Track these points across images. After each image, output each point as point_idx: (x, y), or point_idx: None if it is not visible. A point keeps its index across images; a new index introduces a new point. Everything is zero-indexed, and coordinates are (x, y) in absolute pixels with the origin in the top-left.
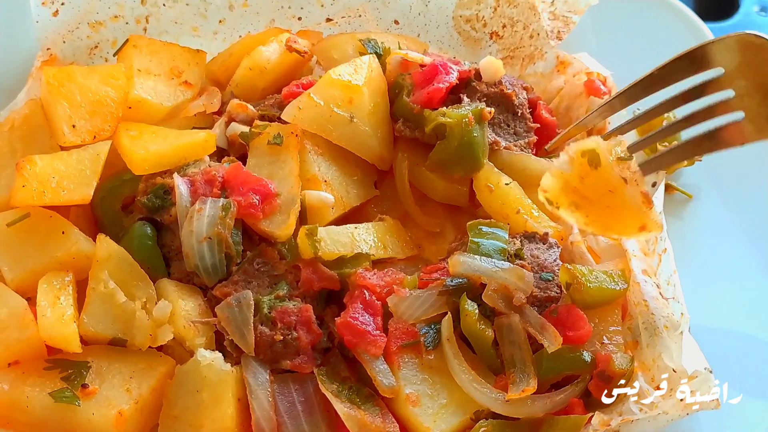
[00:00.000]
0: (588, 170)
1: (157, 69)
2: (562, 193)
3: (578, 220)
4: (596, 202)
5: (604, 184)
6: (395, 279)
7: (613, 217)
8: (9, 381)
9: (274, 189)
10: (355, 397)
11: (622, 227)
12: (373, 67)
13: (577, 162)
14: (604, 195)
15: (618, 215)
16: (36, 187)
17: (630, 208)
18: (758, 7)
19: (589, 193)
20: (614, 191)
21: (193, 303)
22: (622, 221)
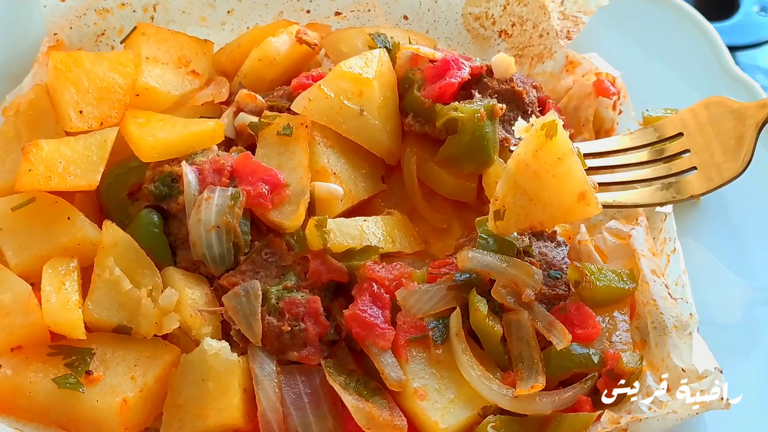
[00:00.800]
0: (543, 142)
1: (165, 57)
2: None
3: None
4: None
5: (556, 152)
6: (404, 272)
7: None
8: (12, 366)
9: (283, 179)
10: (362, 390)
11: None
12: (383, 60)
13: (535, 136)
14: (553, 164)
15: (559, 186)
16: (42, 171)
17: (572, 178)
18: (758, 7)
19: (541, 166)
20: (563, 158)
21: (199, 292)
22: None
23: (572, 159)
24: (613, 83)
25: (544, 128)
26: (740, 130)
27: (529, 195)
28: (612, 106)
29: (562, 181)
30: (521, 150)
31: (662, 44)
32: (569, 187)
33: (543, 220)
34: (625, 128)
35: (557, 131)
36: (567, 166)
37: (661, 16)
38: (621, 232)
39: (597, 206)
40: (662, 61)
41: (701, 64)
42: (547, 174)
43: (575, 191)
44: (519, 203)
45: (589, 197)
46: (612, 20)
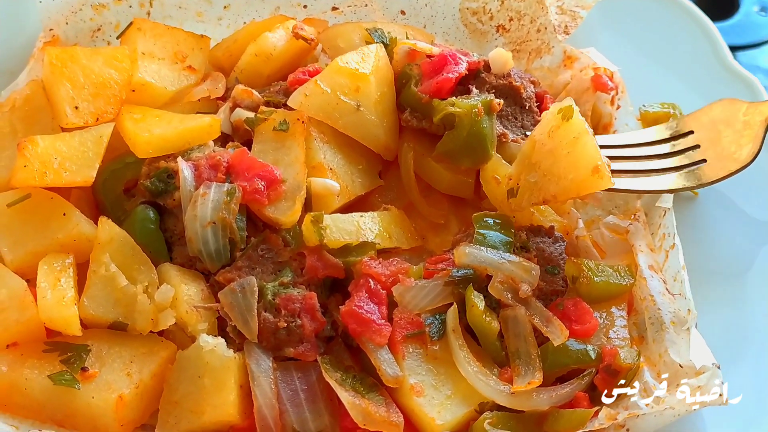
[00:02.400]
0: (560, 123)
1: (161, 53)
2: (523, 162)
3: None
4: (559, 151)
5: (571, 131)
6: (400, 268)
7: (569, 164)
8: (7, 363)
9: (279, 175)
10: (359, 386)
11: (575, 173)
12: (380, 56)
13: (552, 119)
14: (569, 142)
15: (573, 161)
16: (38, 167)
17: (586, 153)
18: (758, 7)
19: (556, 145)
20: (578, 137)
21: (195, 288)
22: (576, 166)
23: (587, 137)
24: (611, 78)
25: (560, 112)
26: (749, 124)
27: (543, 171)
28: (610, 101)
29: (577, 157)
30: (537, 132)
31: (660, 39)
32: (584, 161)
33: (556, 193)
34: (623, 123)
35: (573, 114)
36: (582, 143)
37: (659, 10)
38: (619, 227)
39: (609, 179)
40: (660, 56)
41: (699, 60)
42: (563, 151)
43: (589, 165)
44: (533, 179)
45: (602, 171)
46: (609, 15)
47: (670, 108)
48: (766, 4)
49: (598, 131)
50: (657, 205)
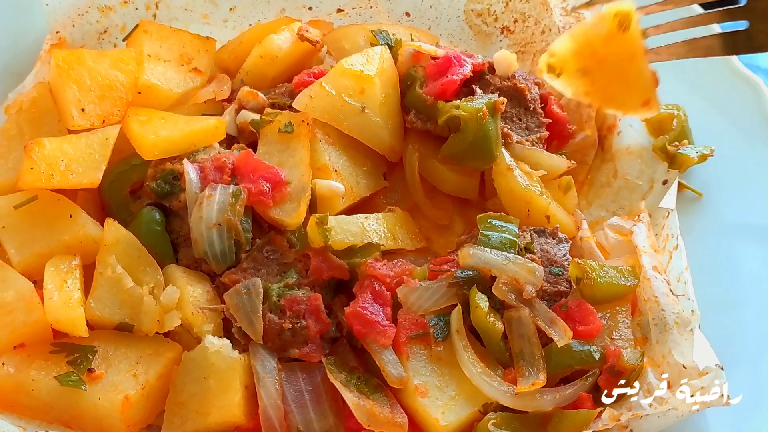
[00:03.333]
0: (615, 32)
1: (167, 55)
2: (573, 57)
3: (579, 88)
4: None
5: (627, 49)
6: (405, 270)
7: (621, 87)
8: (14, 364)
9: (284, 177)
10: (363, 387)
11: (626, 99)
12: (385, 58)
13: (607, 21)
14: (623, 60)
15: (627, 86)
16: (44, 169)
17: (640, 81)
18: None
19: (609, 56)
20: (633, 59)
21: (201, 289)
22: (628, 93)
23: (644, 62)
24: None
25: (618, 16)
26: None
27: (591, 77)
28: None
29: (630, 83)
30: (590, 27)
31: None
32: (636, 90)
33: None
34: (628, 124)
35: (631, 25)
36: (638, 69)
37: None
38: (623, 228)
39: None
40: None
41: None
42: (615, 69)
43: (641, 96)
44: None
45: (652, 103)
46: None
47: (674, 109)
48: None
49: (603, 133)
50: (661, 206)
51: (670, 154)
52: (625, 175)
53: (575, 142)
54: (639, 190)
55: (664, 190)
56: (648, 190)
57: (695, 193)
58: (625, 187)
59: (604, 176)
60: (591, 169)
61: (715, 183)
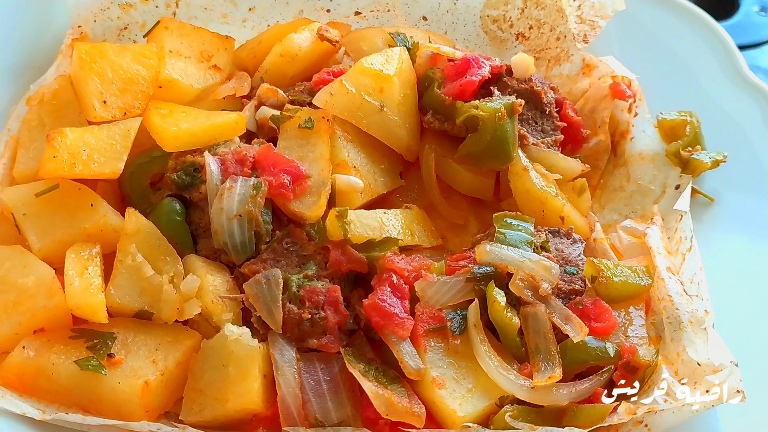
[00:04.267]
0: None
1: (187, 51)
2: None
3: None
4: None
5: None
6: (423, 264)
7: None
8: (35, 348)
9: (305, 171)
10: (381, 378)
11: None
12: (403, 58)
13: None
14: None
15: None
16: (66, 158)
17: None
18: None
19: None
20: None
21: (221, 279)
22: None
23: None
24: (629, 86)
25: None
26: None
27: None
28: (627, 109)
29: None
30: None
31: (676, 49)
32: None
33: None
34: (641, 130)
35: None
36: None
37: (676, 21)
38: (636, 230)
39: None
40: (676, 65)
41: (715, 69)
42: None
43: None
44: None
45: None
46: (627, 24)
47: (687, 115)
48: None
49: (616, 138)
50: (675, 208)
51: (683, 159)
52: (637, 180)
53: (589, 146)
54: (651, 195)
55: (677, 195)
56: (660, 195)
57: (707, 199)
58: (638, 191)
59: (616, 181)
60: (604, 174)
61: (725, 189)
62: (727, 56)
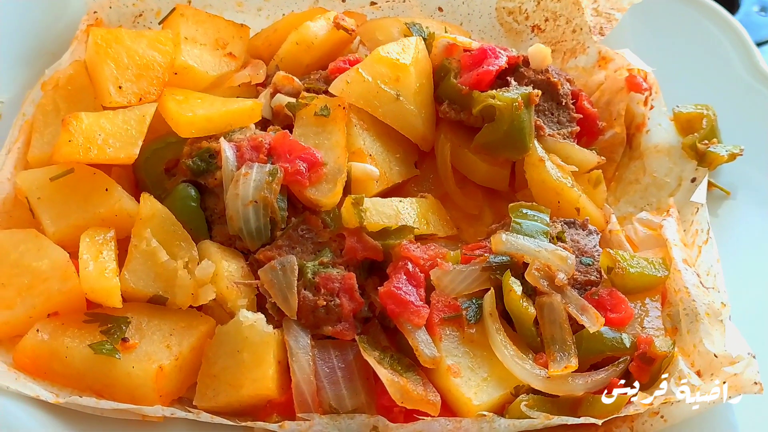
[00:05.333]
0: None
1: (203, 38)
2: None
3: None
4: None
5: None
6: (438, 253)
7: None
8: (49, 331)
9: (321, 158)
10: (396, 366)
11: None
12: (419, 48)
13: None
14: None
15: None
16: (82, 142)
17: None
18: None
19: None
20: None
21: (236, 265)
22: None
23: None
24: (645, 79)
25: None
26: None
27: None
28: (643, 102)
29: None
30: None
31: (692, 42)
32: None
33: None
34: (656, 123)
35: None
36: None
37: (692, 14)
38: (652, 222)
39: None
40: (692, 58)
41: (731, 62)
42: None
43: None
44: None
45: None
46: (643, 17)
47: (704, 108)
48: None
49: (631, 131)
50: (691, 200)
51: (699, 152)
52: (653, 173)
53: (604, 138)
54: (667, 188)
55: (692, 188)
56: (676, 188)
57: (723, 192)
58: (653, 184)
59: (632, 173)
60: (619, 167)
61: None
62: (744, 49)
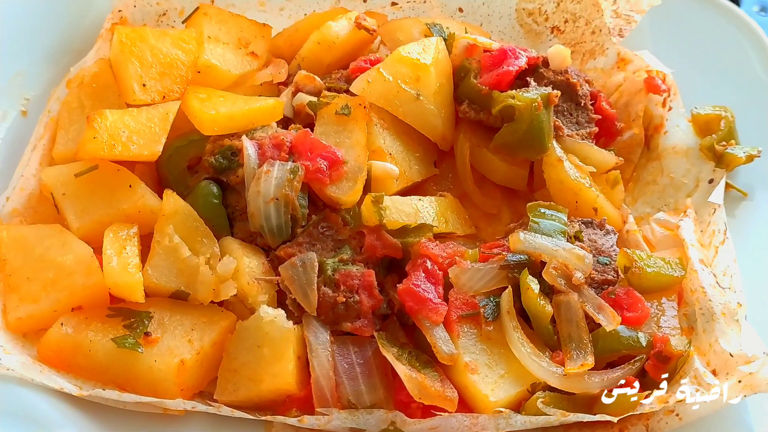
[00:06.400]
0: None
1: (225, 38)
2: None
3: None
4: None
5: None
6: (457, 251)
7: None
8: (72, 325)
9: (341, 156)
10: (414, 362)
11: None
12: (440, 48)
13: None
14: None
15: None
16: (106, 139)
17: None
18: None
19: None
20: None
21: (257, 261)
22: None
23: None
24: (663, 80)
25: None
26: None
27: None
28: (662, 103)
29: None
30: None
31: (711, 43)
32: None
33: None
34: (675, 125)
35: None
36: None
37: (710, 16)
38: (669, 223)
39: None
40: (711, 60)
41: (749, 64)
42: None
43: None
44: None
45: None
46: (662, 19)
47: (722, 110)
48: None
49: (649, 132)
50: (709, 200)
51: (717, 154)
52: (670, 174)
53: (622, 139)
54: (684, 189)
55: (710, 189)
56: (693, 189)
57: (740, 193)
58: (671, 185)
59: (649, 174)
60: (637, 167)
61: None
62: (762, 51)
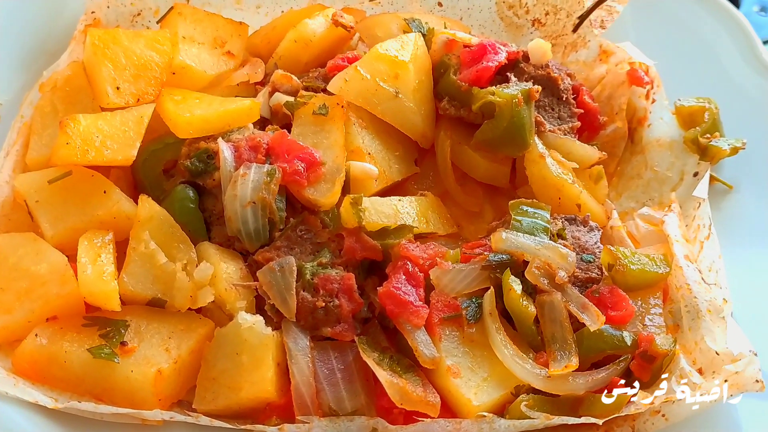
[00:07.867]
0: None
1: (201, 37)
2: None
3: None
4: None
5: None
6: (438, 252)
7: None
8: (47, 336)
9: (319, 157)
10: (396, 367)
11: None
12: (419, 44)
13: None
14: None
15: None
16: (80, 144)
17: None
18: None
19: None
20: None
21: (234, 266)
22: None
23: None
24: (646, 72)
25: None
26: None
27: None
28: (645, 95)
29: None
30: None
31: (694, 34)
32: None
33: None
34: (658, 117)
35: None
36: None
37: (693, 6)
38: (653, 218)
39: None
40: (694, 51)
41: (733, 55)
42: None
43: None
44: None
45: None
46: (644, 10)
47: (706, 102)
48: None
49: (633, 125)
50: (693, 195)
51: (701, 146)
52: (654, 167)
53: (606, 133)
54: (669, 182)
55: (695, 182)
56: (678, 182)
57: (726, 186)
58: (655, 178)
59: (633, 168)
60: (621, 161)
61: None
62: (746, 41)
